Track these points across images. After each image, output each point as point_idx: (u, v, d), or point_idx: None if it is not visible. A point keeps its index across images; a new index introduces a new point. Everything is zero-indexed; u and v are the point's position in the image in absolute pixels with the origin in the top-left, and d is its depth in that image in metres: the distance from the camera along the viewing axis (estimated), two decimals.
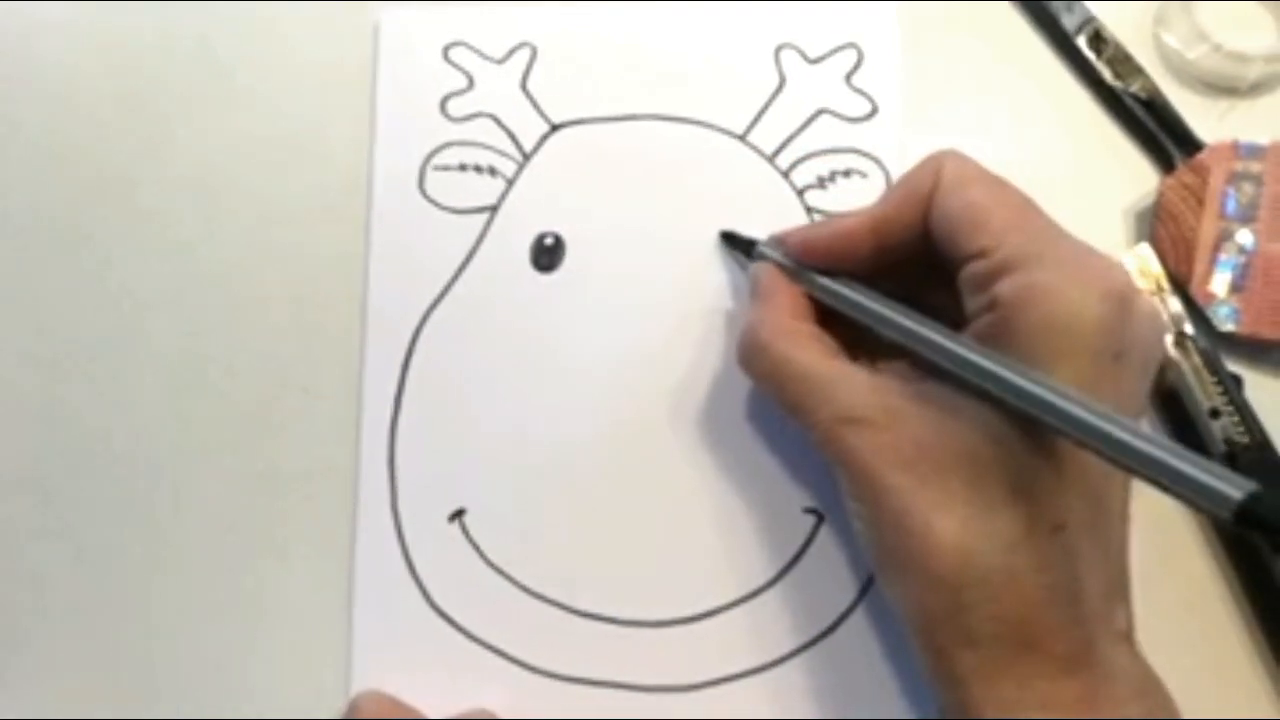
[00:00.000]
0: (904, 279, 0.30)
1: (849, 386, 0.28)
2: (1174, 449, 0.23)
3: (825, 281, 0.30)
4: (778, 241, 0.32)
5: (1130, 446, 0.23)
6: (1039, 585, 0.25)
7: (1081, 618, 0.25)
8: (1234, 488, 0.21)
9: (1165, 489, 0.23)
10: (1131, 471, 0.23)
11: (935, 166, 0.29)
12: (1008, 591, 0.25)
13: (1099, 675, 0.25)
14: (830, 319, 0.30)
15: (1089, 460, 0.25)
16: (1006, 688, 0.25)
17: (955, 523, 0.25)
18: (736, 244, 0.34)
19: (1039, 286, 0.25)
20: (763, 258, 0.32)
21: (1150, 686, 0.26)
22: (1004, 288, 0.26)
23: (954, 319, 0.28)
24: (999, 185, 0.28)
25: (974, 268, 0.27)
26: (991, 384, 0.25)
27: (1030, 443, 0.25)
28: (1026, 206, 0.28)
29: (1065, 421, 0.24)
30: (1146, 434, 0.23)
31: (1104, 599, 0.26)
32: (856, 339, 0.30)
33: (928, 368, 0.28)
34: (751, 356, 0.30)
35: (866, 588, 0.32)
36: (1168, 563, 0.32)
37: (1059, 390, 0.24)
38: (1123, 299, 0.26)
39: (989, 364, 0.25)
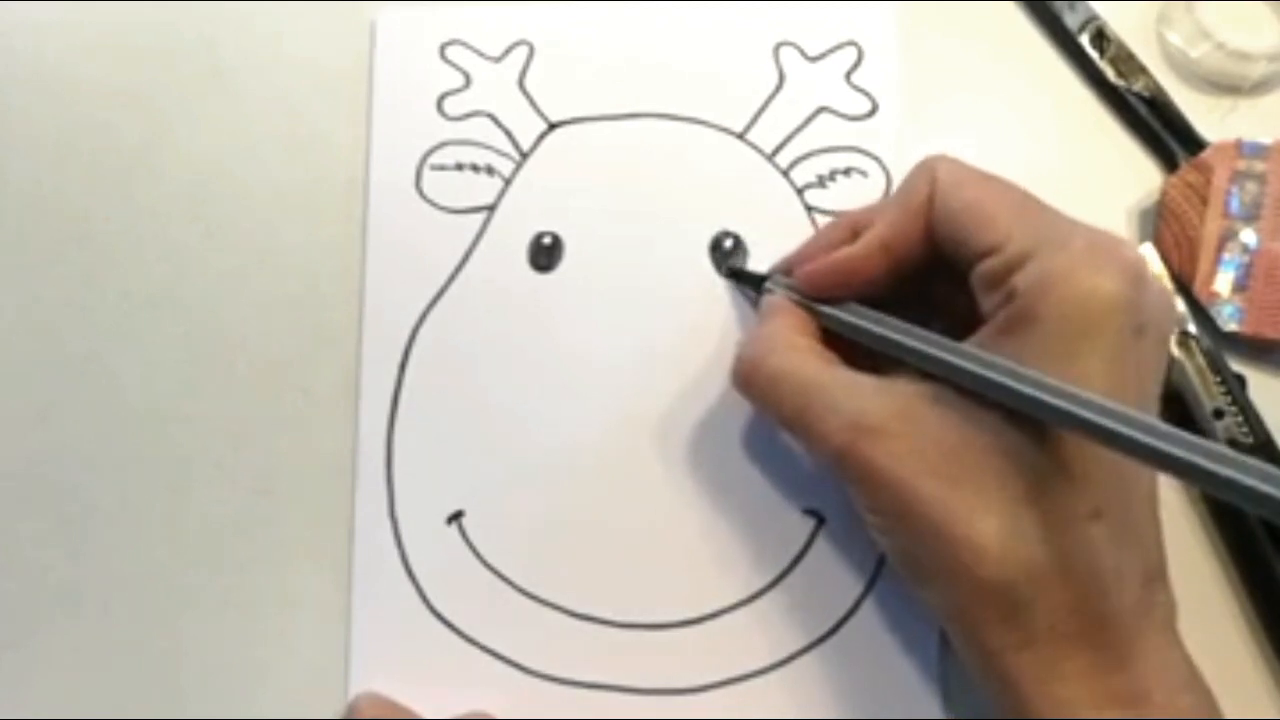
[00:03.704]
0: (906, 278, 0.30)
1: (855, 393, 0.27)
2: (1235, 460, 0.22)
3: (836, 313, 0.30)
4: (783, 271, 0.32)
5: (1187, 462, 0.22)
6: (1085, 574, 0.25)
7: (1126, 607, 0.25)
8: None
9: (1220, 495, 0.22)
10: (1181, 479, 0.23)
11: (929, 173, 0.28)
12: (1057, 583, 0.25)
13: (1150, 667, 0.25)
14: (833, 335, 0.30)
15: None
16: (1062, 686, 0.25)
17: (995, 523, 0.25)
18: (745, 280, 0.33)
19: (1055, 272, 0.25)
20: (771, 293, 0.32)
21: (1196, 679, 0.26)
22: (1020, 279, 0.26)
23: (960, 310, 0.28)
24: (995, 182, 0.28)
25: (986, 265, 0.27)
26: (1029, 407, 0.25)
27: (1046, 434, 0.25)
28: (1026, 198, 0.28)
29: (1111, 439, 0.24)
30: (1196, 442, 0.23)
31: (1145, 585, 0.26)
32: (862, 354, 0.30)
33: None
34: (748, 375, 0.29)
35: (868, 589, 0.31)
36: (1168, 562, 0.32)
37: (1101, 407, 0.24)
38: (1137, 274, 0.26)
39: (1026, 388, 0.25)
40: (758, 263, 0.34)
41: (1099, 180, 0.35)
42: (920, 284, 0.29)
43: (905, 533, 0.27)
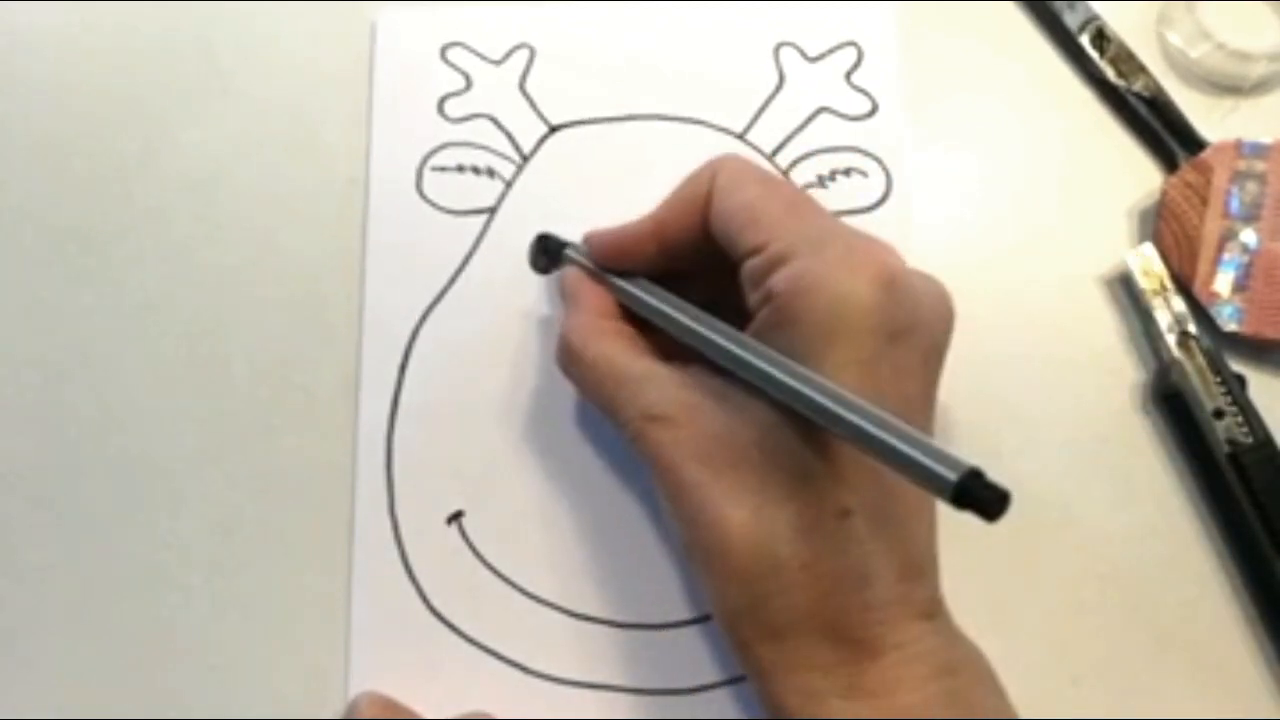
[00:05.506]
0: (709, 278, 0.30)
1: (655, 384, 0.28)
2: (900, 431, 0.23)
3: (621, 283, 0.31)
4: (585, 243, 0.32)
5: (860, 429, 0.24)
6: (829, 573, 0.26)
7: (876, 602, 0.26)
8: (951, 470, 0.22)
9: (896, 469, 0.23)
10: (871, 454, 0.24)
11: (711, 171, 0.29)
12: (800, 581, 0.25)
13: (901, 658, 0.25)
14: (638, 319, 0.31)
15: None
16: (809, 677, 0.26)
17: (746, 514, 0.26)
18: (546, 248, 0.34)
19: (811, 274, 0.26)
20: (570, 260, 0.33)
21: (958, 663, 0.26)
22: (778, 279, 0.27)
23: (741, 304, 0.28)
24: (773, 183, 0.29)
25: (752, 263, 0.28)
26: (753, 376, 0.26)
27: (809, 433, 0.26)
28: (799, 201, 0.29)
29: (801, 402, 0.25)
30: (877, 415, 0.24)
31: (899, 581, 0.26)
32: (666, 338, 0.30)
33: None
34: (568, 360, 0.30)
35: None
36: (1167, 562, 0.32)
37: (804, 376, 0.25)
38: (891, 281, 0.26)
39: (751, 357, 0.26)
40: None
41: (1099, 180, 0.35)
42: (723, 284, 0.30)
43: (677, 518, 0.28)
